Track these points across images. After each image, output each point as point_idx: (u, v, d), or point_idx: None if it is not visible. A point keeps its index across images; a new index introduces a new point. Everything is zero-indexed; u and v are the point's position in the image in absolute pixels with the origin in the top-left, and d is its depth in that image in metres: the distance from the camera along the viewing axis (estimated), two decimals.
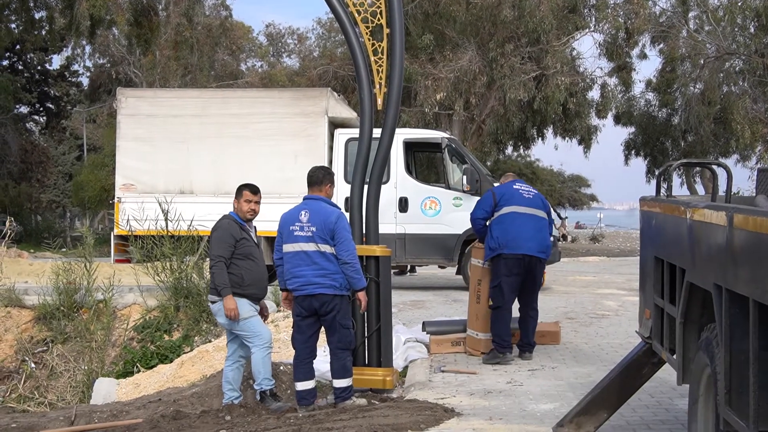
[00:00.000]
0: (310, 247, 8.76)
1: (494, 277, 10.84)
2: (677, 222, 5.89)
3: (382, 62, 9.86)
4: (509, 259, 10.73)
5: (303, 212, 8.95)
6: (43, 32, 45.64)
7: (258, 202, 9.51)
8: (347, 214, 9.99)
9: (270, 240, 17.89)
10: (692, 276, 5.50)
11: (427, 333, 11.50)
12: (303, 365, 8.98)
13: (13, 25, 44.56)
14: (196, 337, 14.34)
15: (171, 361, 13.42)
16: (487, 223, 11.07)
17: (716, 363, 4.98)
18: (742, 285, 4.53)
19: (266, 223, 15.05)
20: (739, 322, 4.64)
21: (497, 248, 10.76)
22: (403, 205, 17.86)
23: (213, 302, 9.29)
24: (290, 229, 8.90)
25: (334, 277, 8.73)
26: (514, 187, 11.31)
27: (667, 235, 6.29)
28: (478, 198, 17.26)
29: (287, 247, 8.92)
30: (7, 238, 20.62)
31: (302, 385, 8.94)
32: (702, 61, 36.37)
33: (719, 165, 7.10)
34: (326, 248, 8.74)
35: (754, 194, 7.36)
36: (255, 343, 9.20)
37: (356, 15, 9.87)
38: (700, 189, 41.38)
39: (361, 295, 8.91)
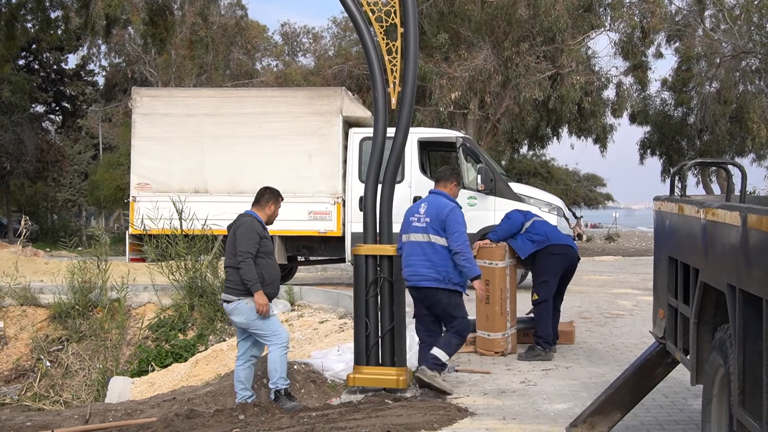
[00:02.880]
0: (422, 237, 9.11)
1: (542, 273, 11.07)
2: (691, 222, 5.87)
3: (396, 61, 9.84)
4: (556, 255, 11.03)
5: (423, 204, 9.36)
6: (59, 31, 45.83)
7: None
8: (362, 214, 10.01)
9: (284, 239, 18.00)
10: (706, 276, 5.48)
11: None
12: (425, 351, 9.26)
13: (29, 25, 44.77)
14: (210, 336, 14.37)
15: (185, 360, 13.46)
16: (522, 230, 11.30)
17: (730, 363, 4.96)
18: (756, 285, 4.51)
19: (282, 222, 15.13)
20: (753, 323, 4.62)
21: (545, 240, 11.06)
22: None
23: (229, 301, 9.23)
24: (409, 220, 9.34)
25: (439, 270, 8.97)
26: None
27: (681, 234, 6.26)
28: (492, 197, 17.32)
29: (404, 237, 9.34)
30: (22, 237, 20.76)
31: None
32: (718, 60, 36.30)
33: (734, 164, 7.07)
34: (437, 239, 9.03)
35: None
36: (273, 341, 9.19)
37: (370, 14, 9.86)
38: (716, 188, 41.27)
39: (477, 284, 9.09)
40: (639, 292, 17.64)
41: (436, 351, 9.02)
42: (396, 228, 9.68)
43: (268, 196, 9.49)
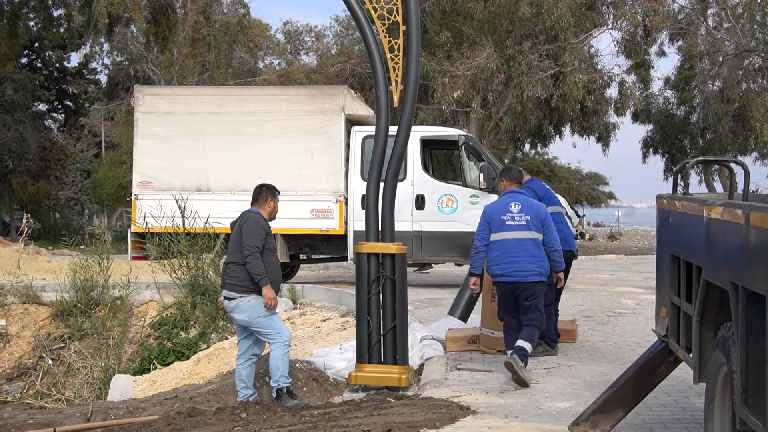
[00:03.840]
0: (523, 234, 9.61)
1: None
2: (694, 220, 5.86)
3: (399, 60, 9.83)
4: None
5: (513, 204, 9.76)
6: (62, 30, 45.86)
7: None
8: (364, 212, 10.05)
9: (286, 237, 17.97)
10: (709, 274, 5.47)
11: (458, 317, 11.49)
12: (512, 334, 9.67)
13: (32, 23, 44.79)
14: (212, 334, 14.38)
15: (187, 358, 13.47)
16: None
17: (733, 362, 4.95)
18: (758, 283, 4.49)
19: (285, 220, 15.16)
20: (756, 321, 4.61)
21: None
22: (419, 202, 17.84)
23: (231, 299, 9.21)
24: (501, 219, 9.71)
25: (542, 264, 9.59)
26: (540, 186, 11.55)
27: (684, 232, 6.25)
28: (495, 196, 17.29)
29: (497, 236, 9.70)
30: (24, 235, 20.79)
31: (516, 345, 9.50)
32: (721, 59, 36.26)
33: (736, 162, 7.06)
34: (537, 236, 9.63)
35: None
36: (275, 340, 9.19)
37: (372, 12, 9.86)
38: (718, 187, 41.23)
39: (561, 275, 10.05)
40: (641, 290, 17.62)
41: (523, 343, 9.36)
42: (399, 226, 9.67)
43: (266, 193, 9.50)
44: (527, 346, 9.36)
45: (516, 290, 9.59)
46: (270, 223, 9.51)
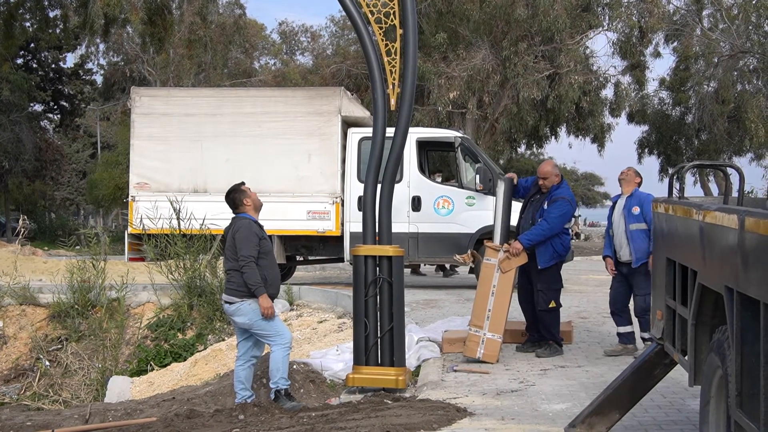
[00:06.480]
0: None
1: (558, 281, 11.25)
2: (689, 224, 5.90)
3: (395, 62, 9.86)
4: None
5: None
6: (58, 30, 45.81)
7: None
8: (360, 213, 10.06)
9: (282, 238, 17.95)
10: (704, 278, 5.51)
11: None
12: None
13: (28, 24, 44.72)
14: (209, 336, 14.40)
15: (184, 360, 13.49)
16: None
17: (727, 365, 4.99)
18: (753, 288, 4.53)
19: (281, 221, 15.17)
20: (751, 325, 4.65)
21: (565, 253, 11.23)
22: (416, 204, 17.86)
23: (231, 303, 9.23)
24: None
25: None
26: None
27: (679, 236, 6.29)
28: (491, 197, 17.30)
29: None
30: (21, 236, 20.80)
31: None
32: (716, 60, 36.36)
33: (731, 167, 7.09)
34: None
35: (767, 195, 7.36)
36: (276, 341, 9.19)
37: (369, 16, 9.88)
38: (714, 188, 41.33)
39: None
40: None
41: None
42: (396, 227, 9.68)
43: (238, 195, 9.37)
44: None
45: None
46: (266, 225, 9.52)
